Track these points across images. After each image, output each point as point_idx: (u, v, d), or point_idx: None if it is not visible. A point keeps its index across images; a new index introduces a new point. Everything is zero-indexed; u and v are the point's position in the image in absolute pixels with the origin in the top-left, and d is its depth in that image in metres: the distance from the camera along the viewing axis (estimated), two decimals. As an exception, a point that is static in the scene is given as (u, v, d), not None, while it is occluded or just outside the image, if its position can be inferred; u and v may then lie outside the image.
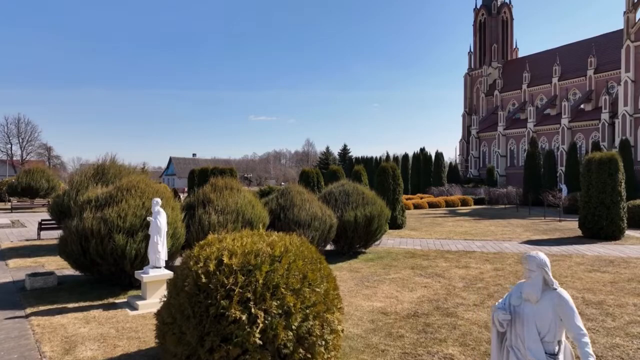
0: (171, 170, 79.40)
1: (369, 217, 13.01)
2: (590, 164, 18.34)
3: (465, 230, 21.03)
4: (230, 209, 10.56)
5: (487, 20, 75.02)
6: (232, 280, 4.89)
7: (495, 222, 25.50)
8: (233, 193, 11.03)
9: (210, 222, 10.20)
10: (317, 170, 26.57)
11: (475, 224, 24.03)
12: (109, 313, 7.89)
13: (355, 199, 13.29)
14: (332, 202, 13.30)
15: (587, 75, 57.43)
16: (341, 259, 13.00)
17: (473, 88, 76.42)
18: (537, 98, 64.14)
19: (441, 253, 14.48)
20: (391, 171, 21.23)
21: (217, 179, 11.50)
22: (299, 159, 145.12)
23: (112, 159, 14.30)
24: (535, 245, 16.48)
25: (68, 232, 9.24)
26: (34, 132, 77.29)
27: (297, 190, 12.44)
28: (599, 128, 51.65)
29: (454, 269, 11.99)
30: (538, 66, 65.99)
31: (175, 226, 9.63)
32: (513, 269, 12.01)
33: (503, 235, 19.26)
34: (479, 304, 8.51)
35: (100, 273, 9.32)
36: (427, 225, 23.50)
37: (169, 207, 9.73)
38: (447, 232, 20.53)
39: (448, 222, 25.44)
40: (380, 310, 8.07)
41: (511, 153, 63.51)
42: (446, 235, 19.39)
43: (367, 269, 11.81)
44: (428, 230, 21.22)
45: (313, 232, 11.60)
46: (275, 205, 12.01)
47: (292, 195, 12.19)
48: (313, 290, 5.20)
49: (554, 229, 21.89)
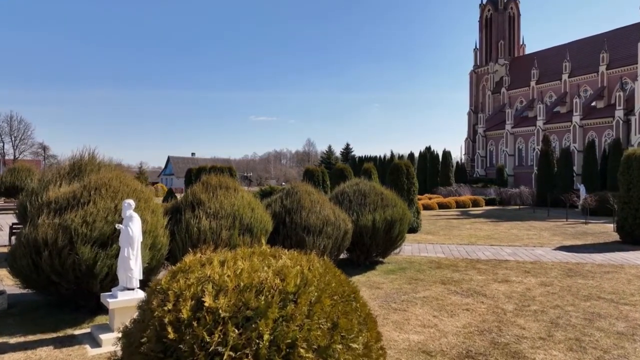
0: (169, 170, 77.48)
1: (389, 221, 11.05)
2: (630, 160, 16.40)
3: (487, 234, 19.08)
4: (225, 212, 8.62)
5: (493, 15, 73.11)
6: (219, 336, 2.97)
7: (516, 224, 23.55)
8: (229, 193, 9.07)
9: (201, 229, 8.26)
10: (323, 169, 24.63)
11: (494, 227, 22.07)
12: (61, 353, 5.94)
13: (373, 200, 11.32)
14: (345, 204, 11.34)
15: (599, 71, 55.48)
16: (357, 271, 11.05)
17: (479, 85, 74.48)
18: (546, 95, 62.20)
19: (470, 262, 12.52)
20: (405, 169, 19.28)
21: (210, 177, 9.55)
22: (300, 159, 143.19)
23: (91, 154, 12.31)
24: (572, 252, 14.52)
25: (18, 242, 7.30)
26: (27, 130, 75.17)
27: (305, 190, 10.49)
28: (612, 126, 49.67)
29: (493, 283, 10.05)
30: (547, 63, 64.05)
31: (155, 234, 7.68)
32: (563, 283, 10.07)
33: (531, 240, 17.31)
34: (546, 338, 6.56)
35: (60, 294, 7.38)
36: (443, 228, 21.54)
37: (148, 211, 7.79)
38: (467, 236, 18.58)
39: (464, 224, 23.48)
40: (421, 348, 6.11)
41: (519, 152, 61.56)
42: (468, 240, 17.44)
43: (389, 284, 9.86)
44: (446, 234, 19.26)
45: (325, 239, 9.66)
46: (279, 208, 10.05)
47: (299, 195, 10.24)
48: (348, 348, 3.27)
49: (583, 232, 19.93)
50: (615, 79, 53.19)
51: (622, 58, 53.43)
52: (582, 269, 11.77)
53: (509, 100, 66.71)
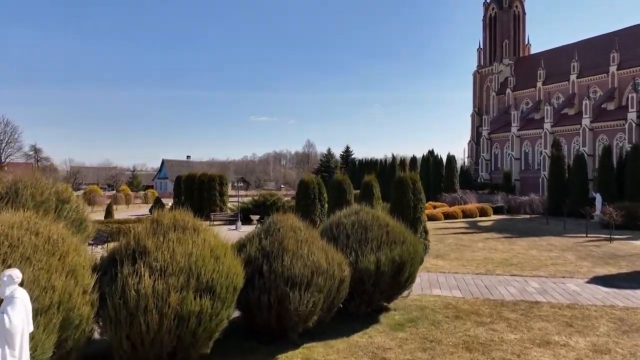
0: (164, 173, 75.03)
1: (397, 263, 8.79)
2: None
3: (503, 258, 16.80)
4: (176, 265, 6.35)
5: (497, 14, 70.80)
6: None
7: (532, 241, 21.27)
8: (185, 237, 6.80)
9: (141, 293, 5.99)
10: (319, 180, 22.34)
11: (510, 246, 19.80)
12: None
13: (376, 235, 9.04)
14: (341, 240, 9.06)
15: (609, 71, 53.13)
16: (354, 327, 8.76)
17: (483, 86, 72.15)
18: (553, 97, 59.84)
19: (495, 307, 10.23)
20: (411, 184, 16.98)
21: (163, 214, 7.27)
22: (300, 160, 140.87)
23: (37, 166, 9.90)
24: (611, 286, 12.23)
25: None
26: (14, 133, 72.57)
27: (290, 225, 8.20)
28: (625, 129, 47.29)
29: (532, 348, 7.77)
30: (554, 63, 61.68)
31: (68, 307, 5.40)
32: (622, 347, 7.78)
33: (556, 267, 15.04)
34: None
35: None
36: (454, 248, 19.26)
37: (60, 273, 5.52)
38: (482, 260, 16.32)
39: (475, 241, 21.20)
40: None
41: (526, 155, 59.18)
42: (484, 266, 15.17)
43: (398, 351, 7.58)
44: (458, 257, 16.98)
45: (315, 294, 7.39)
46: (255, 251, 7.78)
47: (282, 234, 7.95)
48: None
49: (612, 255, 17.62)
50: (627, 80, 50.86)
51: (633, 58, 51.11)
52: (636, 317, 9.50)
53: (514, 101, 64.34)
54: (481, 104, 71.83)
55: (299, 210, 21.91)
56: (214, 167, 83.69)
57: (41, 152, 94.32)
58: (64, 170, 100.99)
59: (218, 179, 30.74)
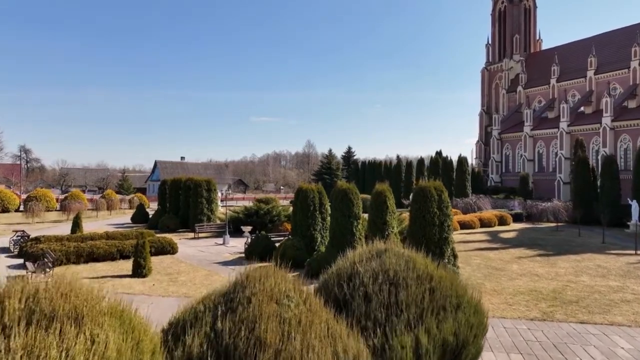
0: (156, 175, 71.37)
1: (452, 345, 5.25)
2: None
3: (552, 289, 13.26)
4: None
5: (507, 8, 67.20)
6: None
7: (574, 261, 17.75)
8: (73, 332, 3.27)
9: None
10: (320, 188, 18.77)
11: (551, 269, 16.28)
12: None
13: (414, 297, 5.48)
14: (356, 304, 5.52)
15: (630, 67, 49.57)
16: None
17: (492, 84, 68.52)
18: (568, 94, 56.23)
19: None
20: (437, 195, 13.45)
21: (42, 293, 3.75)
22: (300, 161, 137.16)
23: None
24: None
25: None
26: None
27: (269, 290, 4.65)
28: (650, 128, 43.78)
29: None
30: (568, 58, 58.09)
31: None
32: None
33: (631, 306, 11.51)
34: None
35: None
36: (485, 272, 15.73)
37: None
38: (527, 293, 12.78)
39: (508, 262, 17.63)
40: None
41: (539, 157, 55.61)
42: (534, 304, 11.62)
43: None
44: (496, 288, 13.44)
45: None
46: (201, 346, 4.22)
47: (255, 309, 4.39)
48: None
49: (686, 283, 14.10)
50: (650, 76, 47.31)
51: (657, 52, 47.57)
52: None
53: (526, 99, 60.63)
54: (490, 103, 68.21)
55: (295, 224, 18.43)
56: (209, 169, 79.95)
57: (31, 153, 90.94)
58: (55, 171, 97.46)
59: (205, 184, 27.12)
